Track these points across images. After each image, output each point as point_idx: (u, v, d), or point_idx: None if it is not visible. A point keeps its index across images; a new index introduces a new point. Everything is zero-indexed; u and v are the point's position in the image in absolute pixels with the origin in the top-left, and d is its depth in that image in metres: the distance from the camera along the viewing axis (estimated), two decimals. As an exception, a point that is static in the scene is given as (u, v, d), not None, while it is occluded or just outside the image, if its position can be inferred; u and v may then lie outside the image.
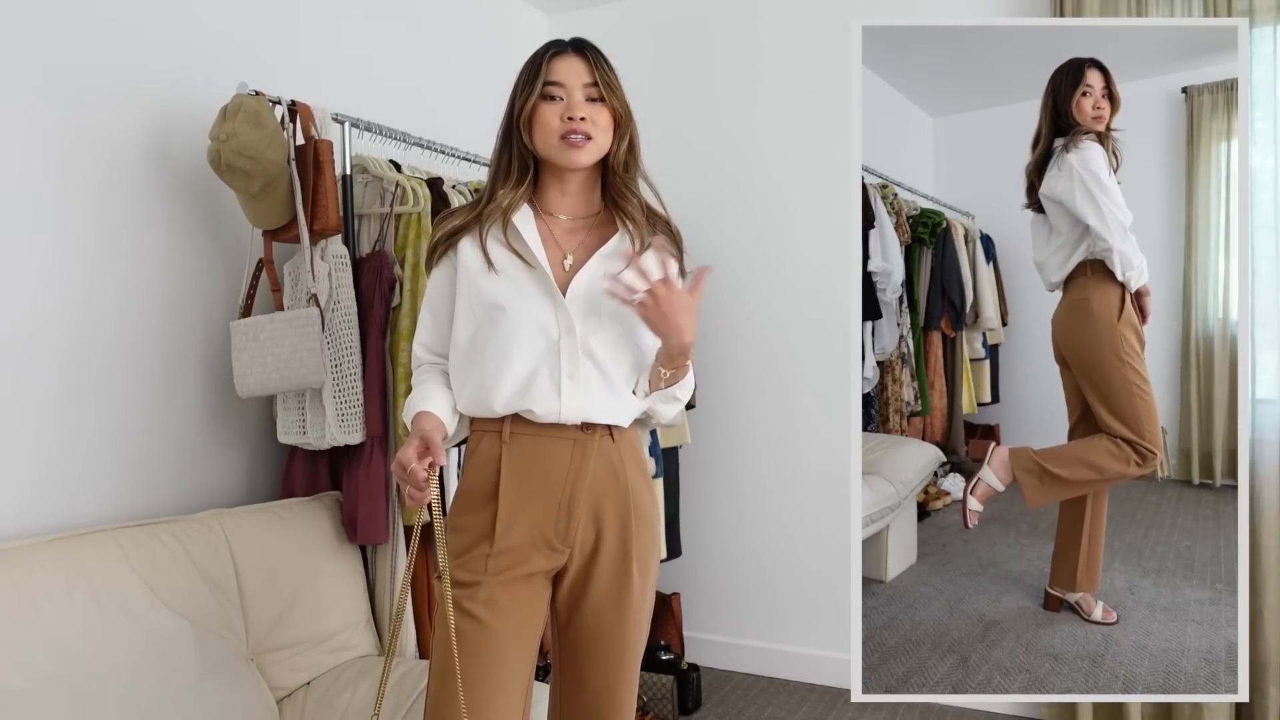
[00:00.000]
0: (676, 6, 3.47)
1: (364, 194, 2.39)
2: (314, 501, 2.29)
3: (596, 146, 1.48)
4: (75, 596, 1.73)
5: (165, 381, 2.20)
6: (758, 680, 3.30)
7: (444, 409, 1.51)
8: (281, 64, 2.47)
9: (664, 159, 1.88)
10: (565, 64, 1.48)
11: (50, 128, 1.96)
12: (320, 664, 2.12)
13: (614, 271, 1.49)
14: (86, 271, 2.03)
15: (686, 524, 3.26)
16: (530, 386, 1.46)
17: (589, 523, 1.49)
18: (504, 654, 1.45)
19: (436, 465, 1.36)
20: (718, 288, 3.28)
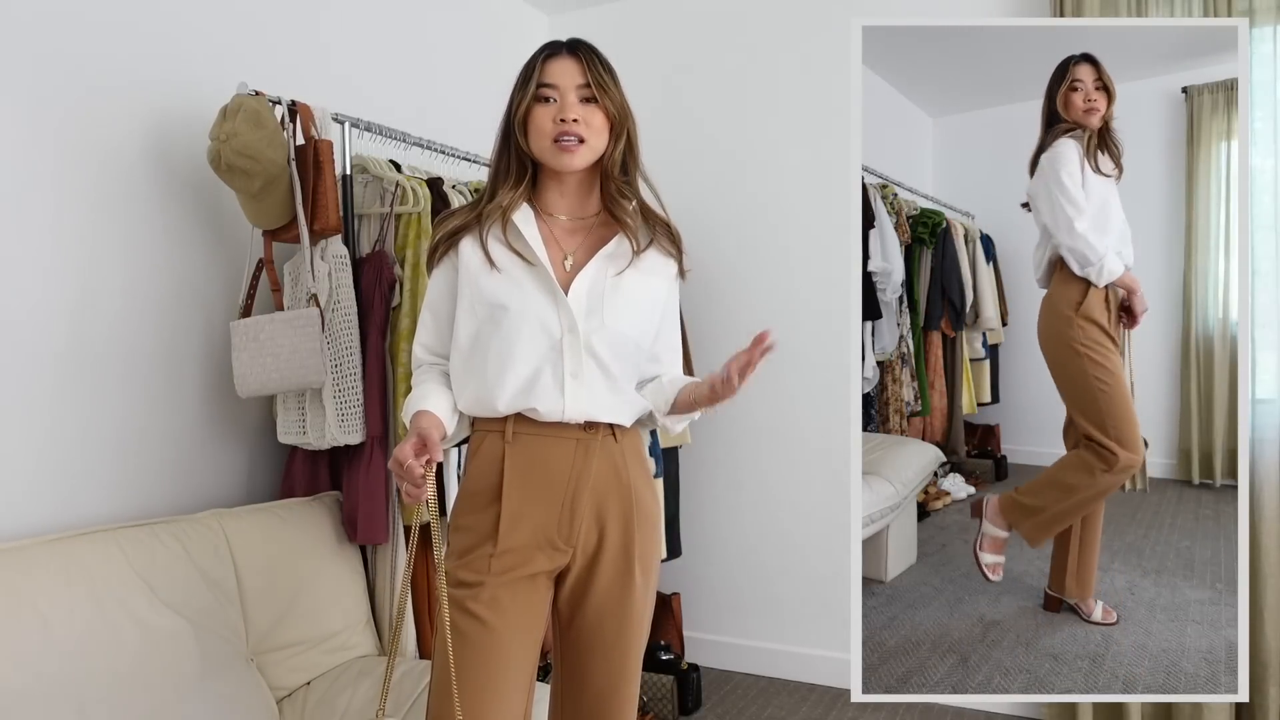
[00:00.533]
0: (676, 7, 3.48)
1: (364, 194, 2.39)
2: (314, 501, 2.29)
3: (589, 149, 1.48)
4: (75, 596, 1.73)
5: (165, 381, 2.20)
6: (758, 680, 3.30)
7: (443, 408, 1.51)
8: (281, 64, 2.47)
9: (664, 159, 1.88)
10: (558, 65, 1.48)
11: (50, 127, 1.96)
12: (320, 664, 2.12)
13: (615, 272, 1.50)
14: (86, 271, 2.03)
15: (686, 524, 3.26)
16: (533, 386, 1.46)
17: (592, 522, 1.49)
18: (507, 655, 1.45)
19: (433, 463, 1.36)
20: (718, 287, 3.28)
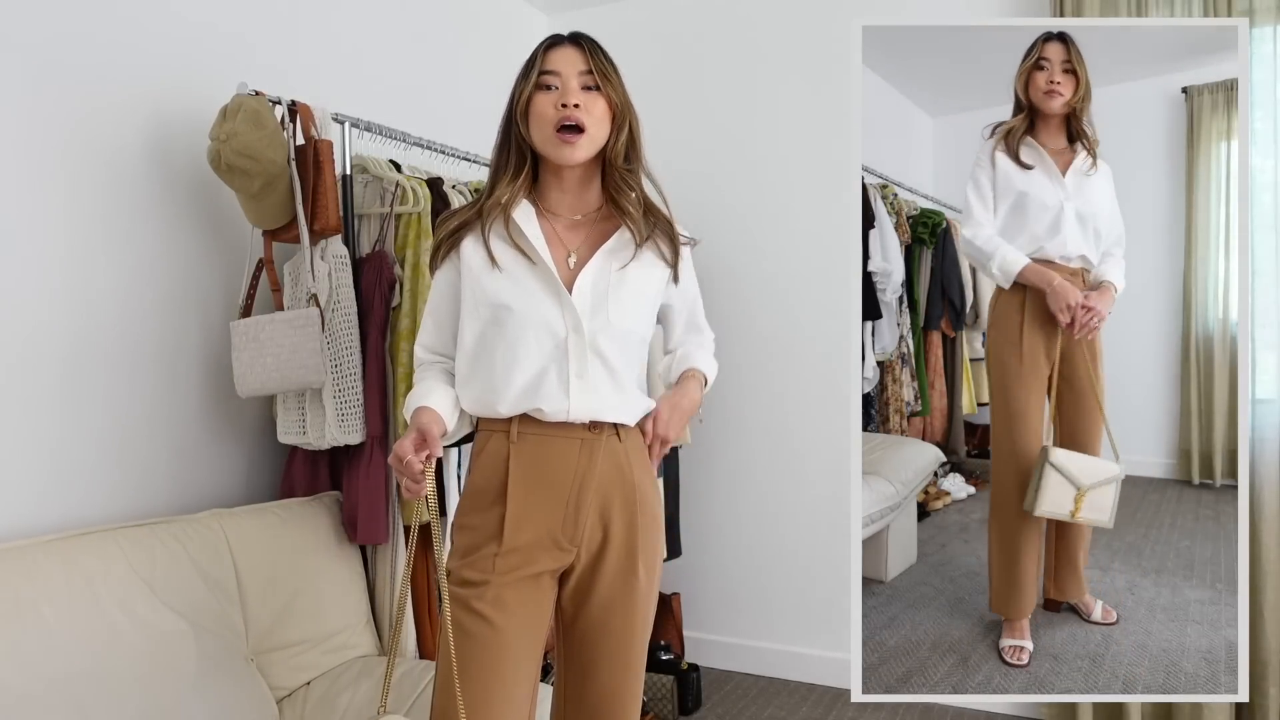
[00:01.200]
0: (676, 7, 3.48)
1: (364, 194, 2.39)
2: (314, 501, 2.29)
3: (590, 139, 1.48)
4: (75, 597, 1.73)
5: (165, 381, 2.20)
6: (758, 680, 3.30)
7: (444, 405, 1.51)
8: (281, 64, 2.47)
9: (662, 159, 1.87)
10: (561, 53, 1.49)
11: (50, 128, 1.96)
12: (320, 664, 2.12)
13: (618, 267, 1.50)
14: (86, 271, 2.03)
15: (686, 524, 3.26)
16: (538, 386, 1.46)
17: (596, 521, 1.49)
18: (512, 654, 1.45)
19: (433, 458, 1.37)
20: (719, 288, 3.28)
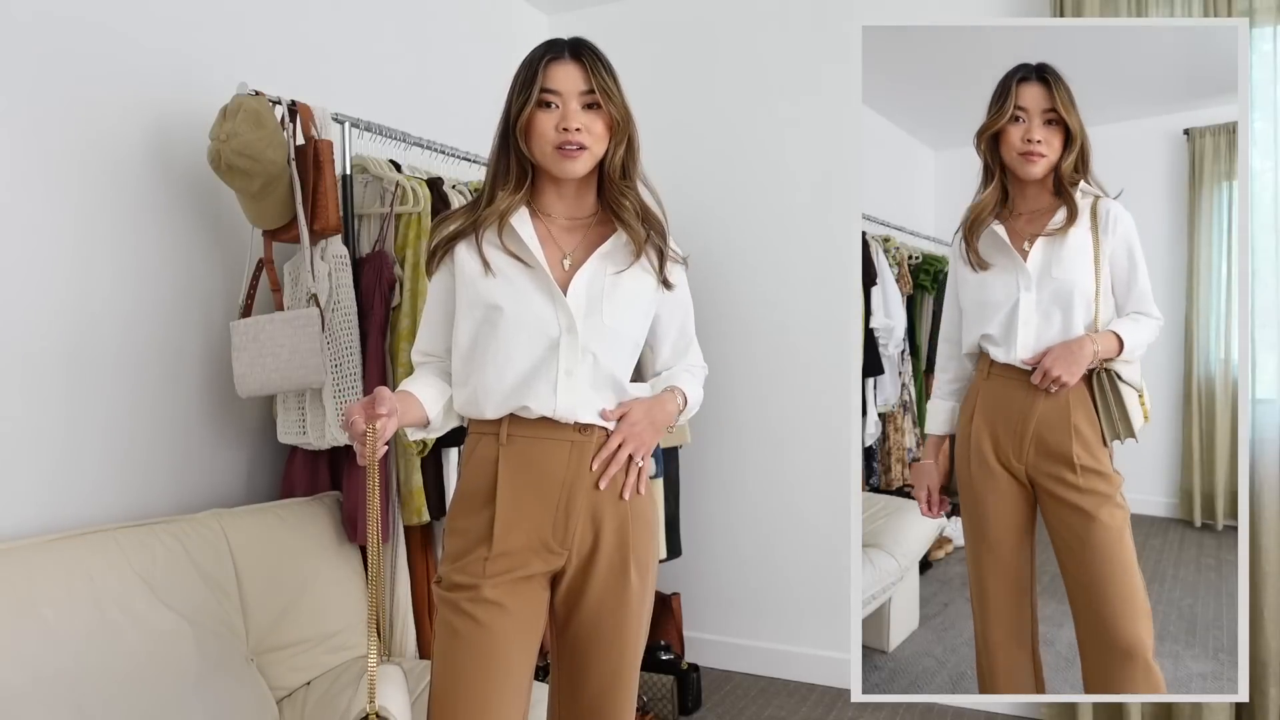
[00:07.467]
0: (676, 7, 3.47)
1: (364, 194, 2.39)
2: (314, 501, 2.29)
3: (591, 155, 1.48)
4: (75, 596, 1.73)
5: (165, 381, 2.20)
6: (758, 680, 3.30)
7: (427, 394, 1.52)
8: (281, 64, 2.47)
9: (657, 159, 1.87)
10: (561, 71, 1.46)
11: (50, 128, 1.96)
12: (320, 664, 2.12)
13: (613, 271, 1.50)
14: (86, 271, 2.03)
15: (686, 524, 3.26)
16: (528, 384, 1.46)
17: (587, 524, 1.49)
18: (505, 656, 1.45)
19: (376, 418, 1.35)
20: (717, 296, 3.28)
